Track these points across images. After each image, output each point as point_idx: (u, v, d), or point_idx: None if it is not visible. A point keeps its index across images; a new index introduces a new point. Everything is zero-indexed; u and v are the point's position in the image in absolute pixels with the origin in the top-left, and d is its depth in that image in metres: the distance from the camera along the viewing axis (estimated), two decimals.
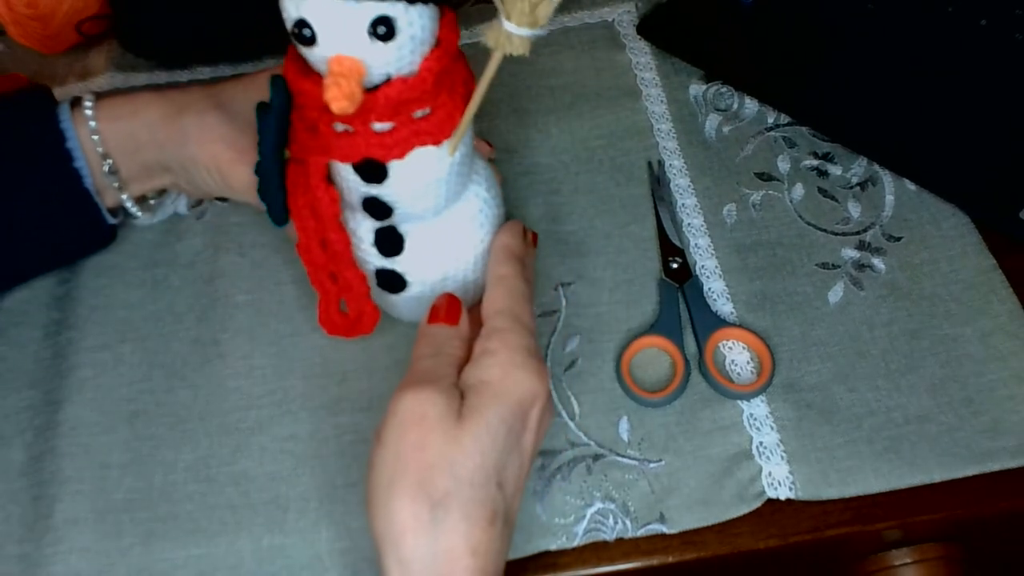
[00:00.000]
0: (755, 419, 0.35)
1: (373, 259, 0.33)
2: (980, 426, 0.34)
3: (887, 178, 0.42)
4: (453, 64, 0.28)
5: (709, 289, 0.38)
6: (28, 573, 0.33)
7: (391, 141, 0.28)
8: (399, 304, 0.34)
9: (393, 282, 0.33)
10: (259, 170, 0.30)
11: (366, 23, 0.25)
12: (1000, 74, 0.43)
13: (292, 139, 0.30)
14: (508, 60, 0.27)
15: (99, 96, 0.36)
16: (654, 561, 0.32)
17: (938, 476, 0.33)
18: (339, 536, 0.33)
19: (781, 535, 0.33)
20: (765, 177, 0.42)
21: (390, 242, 0.32)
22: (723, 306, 0.38)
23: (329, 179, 0.30)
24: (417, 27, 0.26)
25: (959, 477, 0.33)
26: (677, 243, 0.40)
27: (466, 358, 0.30)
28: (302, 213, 0.31)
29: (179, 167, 0.36)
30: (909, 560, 0.35)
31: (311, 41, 0.26)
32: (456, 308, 0.31)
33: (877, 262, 0.39)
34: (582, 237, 0.40)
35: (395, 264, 0.32)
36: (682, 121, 0.44)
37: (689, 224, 0.40)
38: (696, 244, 0.40)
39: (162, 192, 0.41)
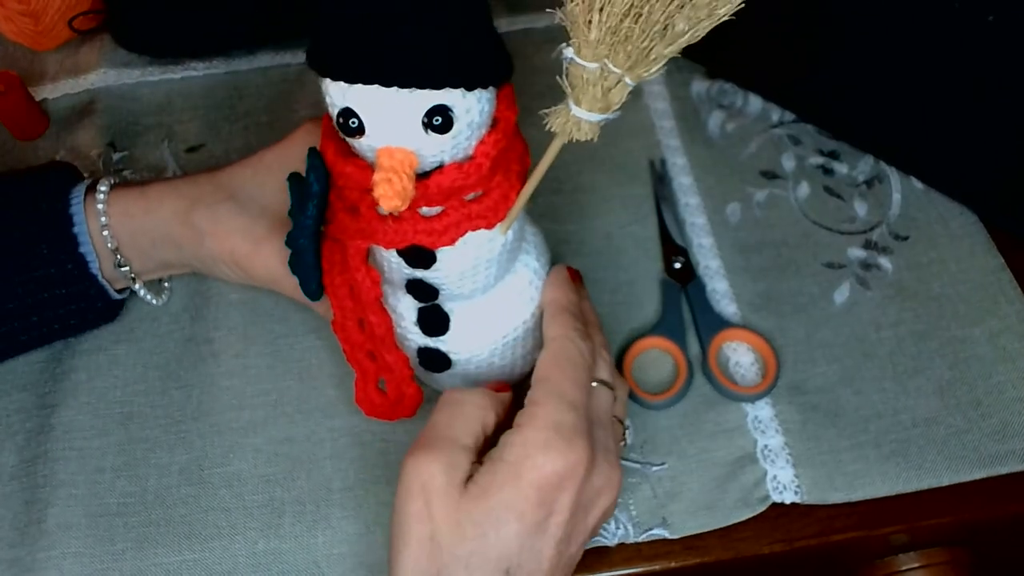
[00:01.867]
0: (760, 422, 0.34)
1: (415, 337, 0.30)
2: (988, 429, 0.34)
3: (894, 176, 0.41)
4: (510, 143, 0.26)
5: (712, 289, 0.38)
6: None
7: (440, 227, 0.26)
8: (443, 380, 0.32)
9: (437, 361, 0.30)
10: (291, 243, 0.28)
11: (420, 114, 0.23)
12: (1008, 71, 0.43)
13: (330, 218, 0.27)
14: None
15: (115, 185, 0.34)
16: (656, 567, 0.32)
17: (946, 479, 0.33)
18: (335, 541, 0.32)
19: (786, 540, 0.32)
20: (770, 175, 0.42)
21: (435, 322, 0.29)
22: (727, 307, 0.37)
23: (369, 258, 0.28)
24: (475, 113, 0.24)
25: (967, 480, 0.33)
26: (680, 243, 0.39)
27: (496, 422, 0.28)
28: (339, 292, 0.28)
29: (198, 263, 0.35)
30: (916, 565, 0.34)
31: (359, 132, 0.24)
32: (503, 389, 0.29)
33: (884, 262, 0.39)
34: (583, 237, 0.40)
35: (439, 343, 0.30)
36: (685, 119, 0.43)
37: (692, 223, 0.40)
38: (699, 244, 0.39)
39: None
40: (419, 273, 0.28)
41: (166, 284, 0.38)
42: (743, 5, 0.22)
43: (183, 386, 0.36)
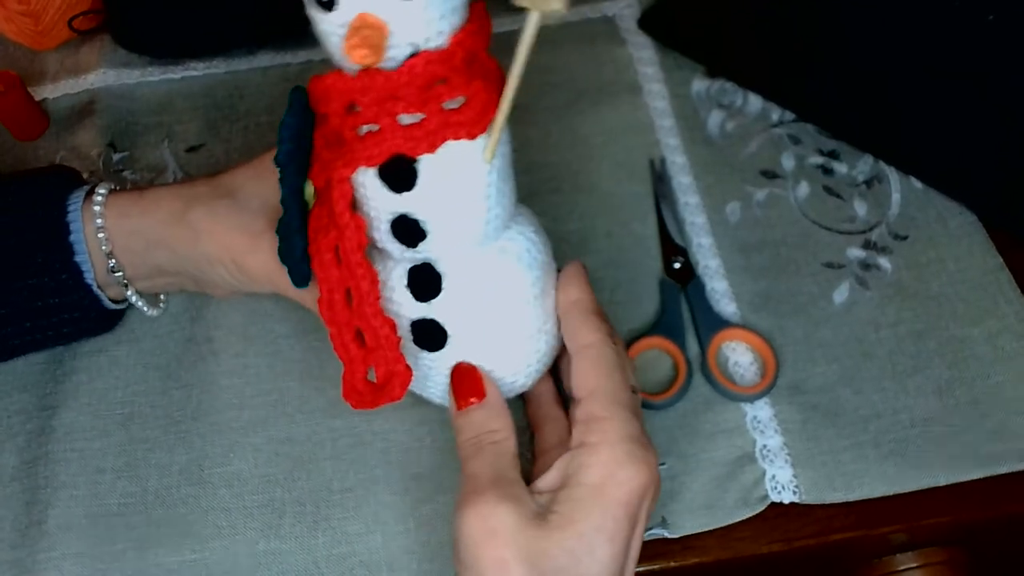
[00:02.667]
0: (759, 422, 0.34)
1: (407, 310, 0.29)
2: (987, 428, 0.34)
3: (893, 176, 0.41)
4: (486, 55, 0.26)
5: (712, 289, 0.38)
6: None
7: (420, 132, 0.25)
8: (436, 370, 0.29)
9: (431, 335, 0.29)
10: (281, 228, 0.28)
11: None
12: (1008, 71, 0.43)
13: (314, 163, 0.27)
14: (509, 55, 0.25)
15: (113, 190, 0.34)
16: (655, 566, 0.32)
17: (944, 479, 0.33)
18: (336, 542, 0.32)
19: (785, 539, 0.32)
20: (769, 175, 0.42)
21: (425, 281, 0.28)
22: (726, 306, 0.37)
23: (355, 210, 0.28)
24: None
25: (965, 480, 0.33)
26: (679, 242, 0.39)
27: (515, 438, 0.28)
28: (324, 259, 0.28)
29: (193, 268, 0.34)
30: (915, 564, 0.34)
31: (331, 5, 0.23)
32: (476, 379, 0.28)
33: (883, 261, 0.39)
34: (583, 236, 0.40)
35: (432, 312, 0.28)
36: (684, 118, 0.43)
37: (692, 223, 0.40)
38: (699, 243, 0.39)
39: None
40: (403, 204, 0.27)
41: (162, 297, 0.37)
42: None
43: (183, 386, 0.36)
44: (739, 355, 0.36)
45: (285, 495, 0.33)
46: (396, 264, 0.29)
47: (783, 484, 0.33)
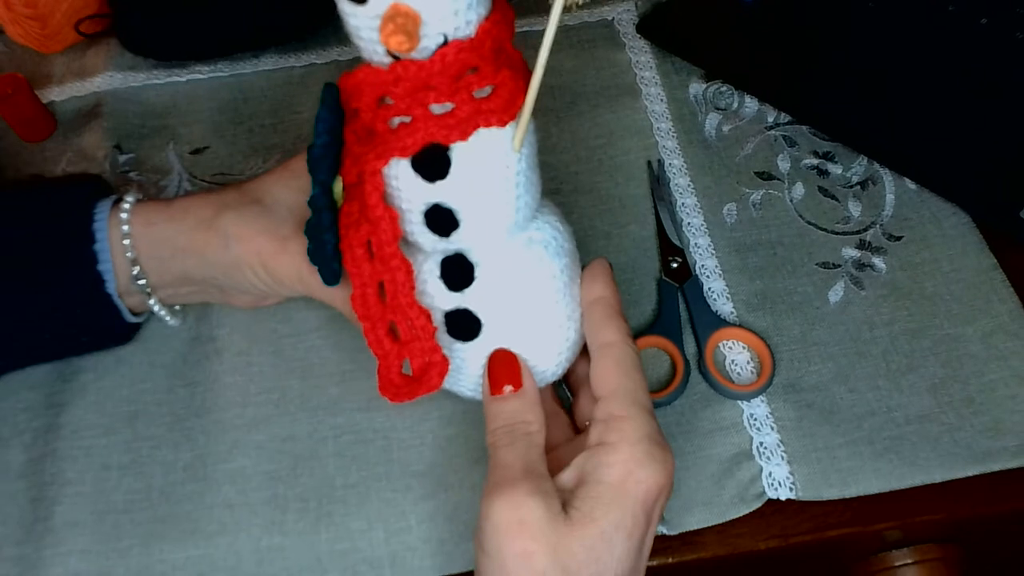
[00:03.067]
0: (755, 419, 0.35)
1: (440, 302, 0.29)
2: (981, 426, 0.34)
3: (887, 177, 0.42)
4: (511, 46, 0.27)
5: (709, 289, 0.38)
6: (27, 575, 0.32)
7: (452, 121, 0.26)
8: (469, 362, 0.30)
9: (466, 325, 0.29)
10: (310, 229, 0.28)
11: None
12: (1000, 73, 0.43)
13: (345, 159, 0.28)
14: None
15: (142, 199, 0.34)
16: (654, 562, 0.32)
17: (939, 476, 0.33)
18: (339, 537, 0.33)
19: (781, 536, 0.33)
20: (765, 176, 0.42)
21: (459, 271, 0.28)
22: (723, 306, 0.38)
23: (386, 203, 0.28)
24: None
25: (960, 477, 0.33)
26: (677, 243, 0.40)
27: (546, 431, 0.28)
28: (356, 254, 0.28)
29: (222, 274, 0.34)
30: (910, 560, 0.35)
31: None
32: (514, 366, 0.28)
33: (878, 261, 0.39)
34: (582, 237, 0.40)
35: (466, 301, 0.29)
36: (682, 120, 0.44)
37: (689, 223, 0.40)
38: (696, 243, 0.40)
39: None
40: (436, 194, 0.27)
41: (177, 308, 0.37)
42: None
43: (188, 384, 0.37)
44: (736, 354, 0.37)
45: (288, 492, 0.34)
46: (427, 257, 0.29)
47: (780, 481, 0.33)
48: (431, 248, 0.29)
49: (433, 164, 0.27)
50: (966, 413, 0.35)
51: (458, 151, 0.26)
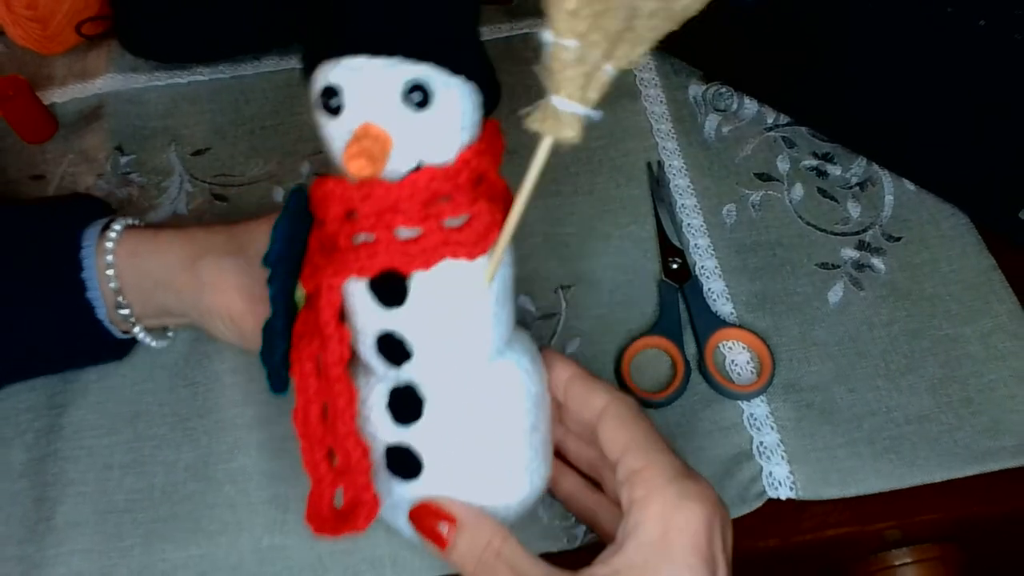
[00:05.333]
0: (755, 419, 0.35)
1: (383, 434, 0.27)
2: (980, 426, 0.34)
3: (886, 178, 0.42)
4: (494, 175, 0.25)
5: (709, 289, 0.38)
6: (29, 574, 0.32)
7: (416, 249, 0.24)
8: (409, 501, 0.27)
9: (406, 464, 0.27)
10: (266, 327, 0.27)
11: (399, 86, 0.23)
12: (999, 74, 0.43)
13: (306, 265, 0.26)
14: (509, 60, 0.26)
15: (130, 226, 0.34)
16: None
17: (938, 476, 0.33)
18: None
19: (782, 535, 0.33)
20: (765, 177, 0.42)
21: (406, 404, 0.26)
22: (723, 306, 0.38)
23: (342, 321, 0.26)
24: (456, 104, 0.24)
25: (959, 477, 0.33)
26: (677, 244, 0.40)
27: (603, 524, 0.27)
28: (304, 368, 0.26)
29: (195, 315, 0.34)
30: (909, 560, 0.35)
31: (337, 111, 0.23)
32: (436, 512, 0.26)
33: (877, 262, 0.39)
34: (582, 239, 0.40)
35: (409, 437, 0.26)
36: (681, 121, 0.44)
37: (689, 224, 0.40)
38: (696, 244, 0.40)
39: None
40: (390, 321, 0.25)
41: (169, 333, 0.37)
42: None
43: (189, 384, 0.37)
44: (736, 354, 0.37)
45: (289, 491, 0.34)
46: (379, 381, 0.27)
47: (780, 480, 0.33)
48: (382, 374, 0.27)
49: (390, 290, 0.25)
50: (965, 413, 0.35)
51: (418, 280, 0.25)
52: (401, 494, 0.27)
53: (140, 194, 0.43)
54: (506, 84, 0.25)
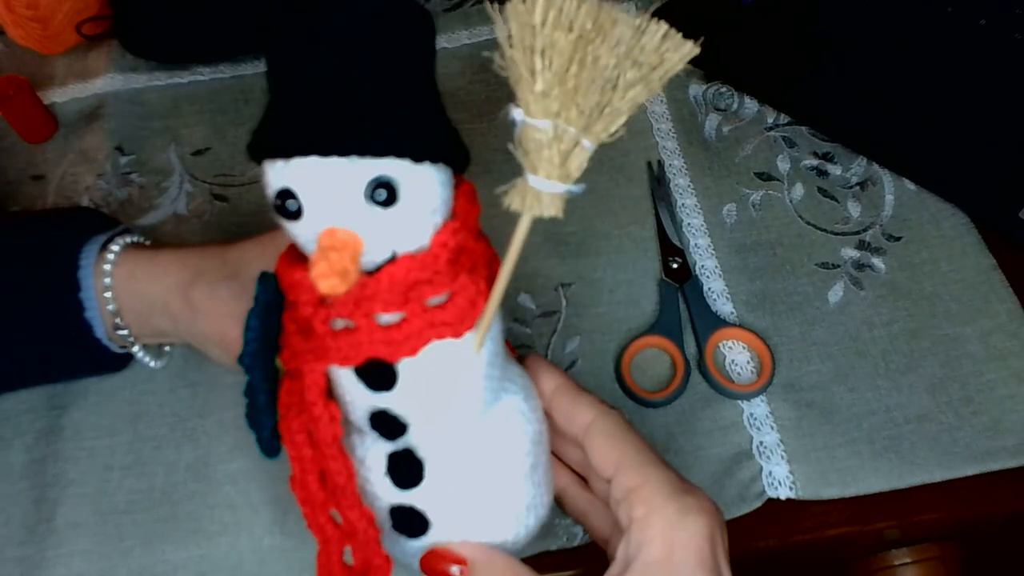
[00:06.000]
0: (755, 419, 0.35)
1: (385, 494, 0.26)
2: (980, 425, 0.34)
3: (887, 178, 0.42)
4: (474, 242, 0.24)
5: (709, 289, 0.38)
6: (29, 575, 0.33)
7: (400, 336, 0.23)
8: (415, 552, 0.27)
9: (412, 523, 0.26)
10: (248, 391, 0.26)
11: (361, 186, 0.21)
12: (999, 74, 0.43)
13: (283, 345, 0.25)
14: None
15: (128, 245, 0.34)
16: None
17: (938, 475, 0.33)
18: None
19: (781, 535, 0.33)
20: (765, 177, 0.42)
21: (406, 469, 0.26)
22: (723, 306, 0.38)
23: (330, 394, 0.25)
24: (425, 191, 0.22)
25: (959, 477, 0.33)
26: (677, 243, 0.40)
27: (593, 524, 0.27)
28: (296, 439, 0.25)
29: (191, 340, 0.34)
30: (909, 560, 0.35)
31: (296, 214, 0.22)
32: (446, 557, 0.26)
33: (877, 262, 0.39)
34: (582, 238, 0.40)
35: (413, 499, 0.26)
36: (682, 121, 0.44)
37: (689, 224, 0.40)
38: (696, 244, 0.40)
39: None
40: (382, 402, 0.24)
41: (166, 349, 0.37)
42: (697, 53, 0.21)
43: (189, 384, 0.37)
44: (736, 353, 0.37)
45: (290, 492, 0.34)
46: (374, 443, 0.26)
47: (780, 480, 0.33)
48: (376, 437, 0.26)
49: (378, 377, 0.24)
50: (965, 413, 0.35)
51: (406, 364, 0.24)
52: (410, 546, 0.27)
53: (140, 194, 0.43)
54: (506, 85, 0.24)
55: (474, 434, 0.26)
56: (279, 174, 0.22)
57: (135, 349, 0.35)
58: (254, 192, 0.43)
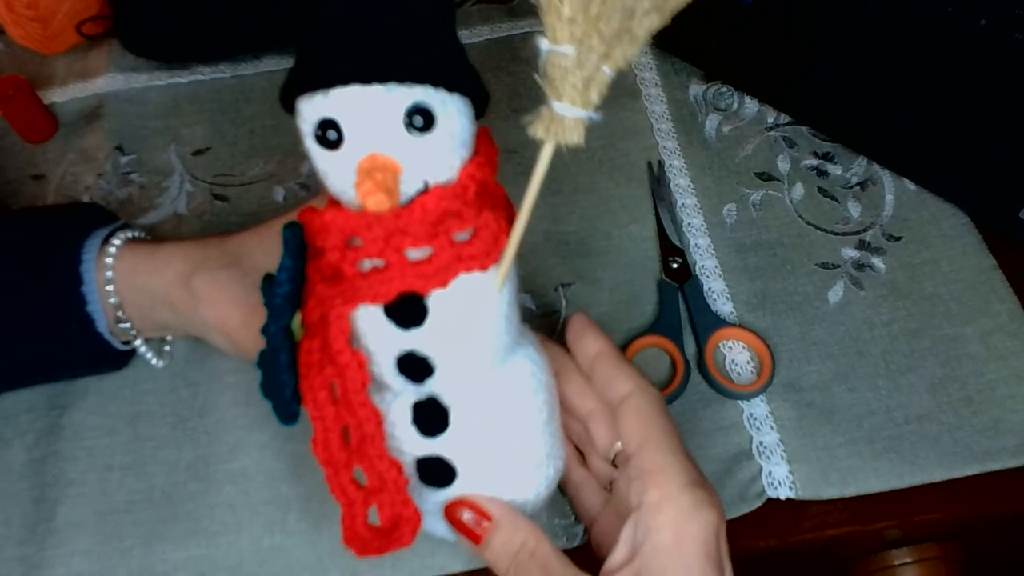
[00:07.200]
0: (755, 419, 0.35)
1: (411, 447, 0.27)
2: (980, 425, 0.34)
3: (887, 178, 0.42)
4: (494, 183, 0.25)
5: (709, 289, 0.38)
6: (29, 575, 0.32)
7: (431, 269, 0.24)
8: (439, 506, 0.28)
9: (439, 473, 0.27)
10: (260, 359, 0.26)
11: (400, 112, 0.23)
12: (1000, 74, 0.43)
13: (307, 298, 0.25)
14: (509, 60, 0.25)
15: (129, 240, 0.34)
16: None
17: (938, 475, 0.33)
18: (340, 537, 0.33)
19: (781, 535, 0.33)
20: (765, 177, 0.42)
21: (431, 417, 0.26)
22: (723, 306, 0.38)
23: (352, 344, 0.25)
24: (456, 121, 0.23)
25: (959, 477, 0.33)
26: (677, 243, 0.40)
27: (581, 501, 0.27)
28: (318, 397, 0.26)
29: (194, 330, 0.34)
30: (909, 560, 0.35)
31: (336, 143, 0.23)
32: (476, 508, 0.26)
33: (877, 262, 0.39)
34: (582, 237, 0.40)
35: (439, 448, 0.27)
36: (682, 121, 0.44)
37: (689, 224, 0.40)
38: (696, 244, 0.40)
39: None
40: (411, 341, 0.25)
41: (167, 348, 0.37)
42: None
43: (190, 384, 0.37)
44: (736, 353, 0.37)
45: (290, 491, 0.34)
46: (396, 397, 0.27)
47: (779, 480, 0.33)
48: (399, 389, 0.27)
49: (409, 313, 0.25)
50: (965, 413, 0.35)
51: (436, 298, 0.25)
52: (435, 499, 0.28)
53: (140, 194, 0.43)
54: (506, 84, 0.25)
55: (495, 382, 0.27)
56: (318, 107, 0.23)
57: (137, 343, 0.35)
58: (254, 192, 0.43)
